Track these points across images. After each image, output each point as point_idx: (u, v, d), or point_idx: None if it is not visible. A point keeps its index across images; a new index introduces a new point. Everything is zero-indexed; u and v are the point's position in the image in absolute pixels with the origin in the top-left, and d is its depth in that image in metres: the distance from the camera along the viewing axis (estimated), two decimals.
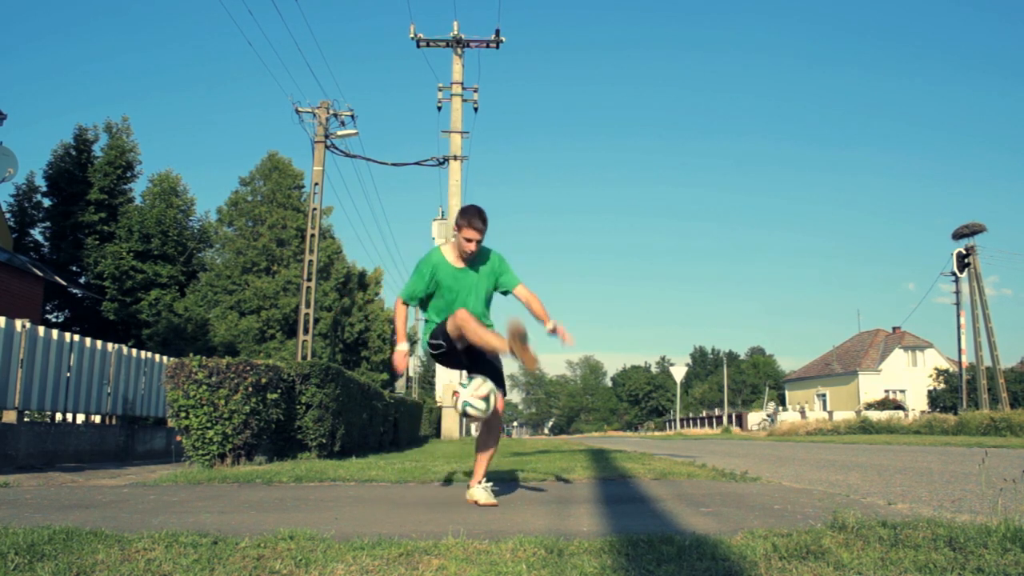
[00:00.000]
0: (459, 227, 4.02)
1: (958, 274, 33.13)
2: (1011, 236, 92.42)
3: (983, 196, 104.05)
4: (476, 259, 4.13)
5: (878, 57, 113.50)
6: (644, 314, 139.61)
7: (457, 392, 3.92)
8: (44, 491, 4.89)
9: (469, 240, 4.01)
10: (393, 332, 4.34)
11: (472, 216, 4.00)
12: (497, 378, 4.11)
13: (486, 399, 3.86)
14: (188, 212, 26.71)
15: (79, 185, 23.98)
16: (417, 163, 21.97)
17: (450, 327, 3.94)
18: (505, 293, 4.27)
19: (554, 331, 4.03)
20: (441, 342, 4.02)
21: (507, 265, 4.26)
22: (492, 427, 4.23)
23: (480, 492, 3.99)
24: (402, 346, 4.16)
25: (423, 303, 4.21)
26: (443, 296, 4.10)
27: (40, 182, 24.45)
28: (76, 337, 9.22)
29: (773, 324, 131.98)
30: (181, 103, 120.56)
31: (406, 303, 4.17)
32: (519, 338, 3.76)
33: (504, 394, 4.17)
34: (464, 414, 3.88)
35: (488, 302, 4.23)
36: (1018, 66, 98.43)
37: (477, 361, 4.12)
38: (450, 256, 4.12)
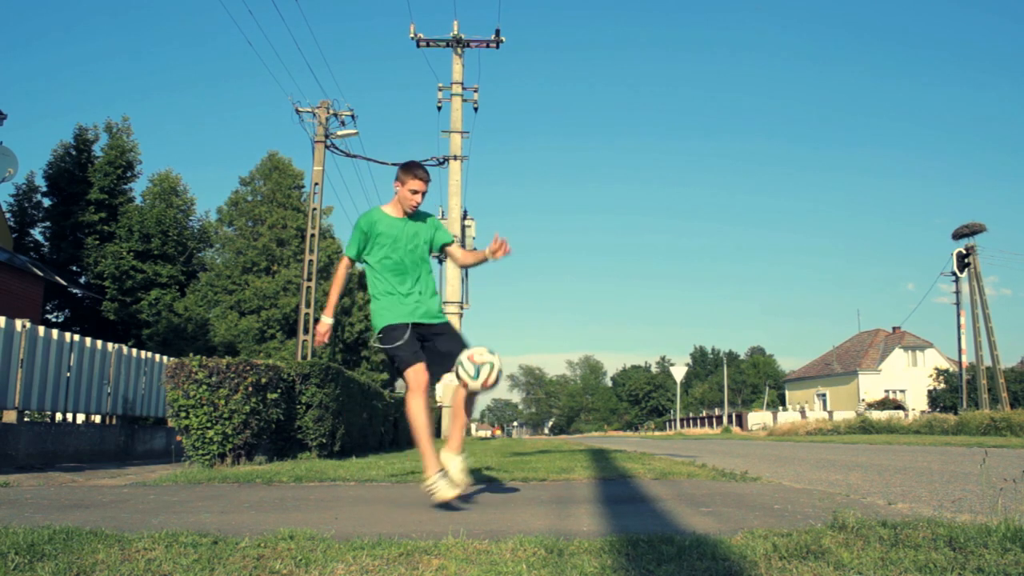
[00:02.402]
0: (402, 180, 4.04)
1: (958, 274, 33.14)
2: (1011, 236, 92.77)
3: (983, 196, 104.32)
4: (416, 214, 4.16)
5: (878, 57, 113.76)
6: (644, 314, 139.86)
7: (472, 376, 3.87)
8: (44, 491, 4.89)
9: (415, 192, 4.03)
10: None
11: (416, 167, 4.05)
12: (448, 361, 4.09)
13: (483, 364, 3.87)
14: (188, 212, 26.73)
15: (79, 185, 23.98)
16: None
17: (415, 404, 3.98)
18: (440, 251, 4.28)
19: (495, 253, 4.05)
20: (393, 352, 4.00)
21: (441, 223, 4.33)
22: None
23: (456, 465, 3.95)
24: (328, 320, 4.20)
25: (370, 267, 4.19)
26: (383, 245, 4.08)
27: (40, 182, 24.50)
28: (76, 337, 9.22)
29: (773, 324, 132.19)
30: (181, 103, 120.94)
31: (352, 260, 4.18)
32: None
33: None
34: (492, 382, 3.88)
35: (427, 252, 4.22)
36: (1018, 66, 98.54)
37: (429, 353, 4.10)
38: (390, 211, 4.14)
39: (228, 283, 26.82)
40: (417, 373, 3.94)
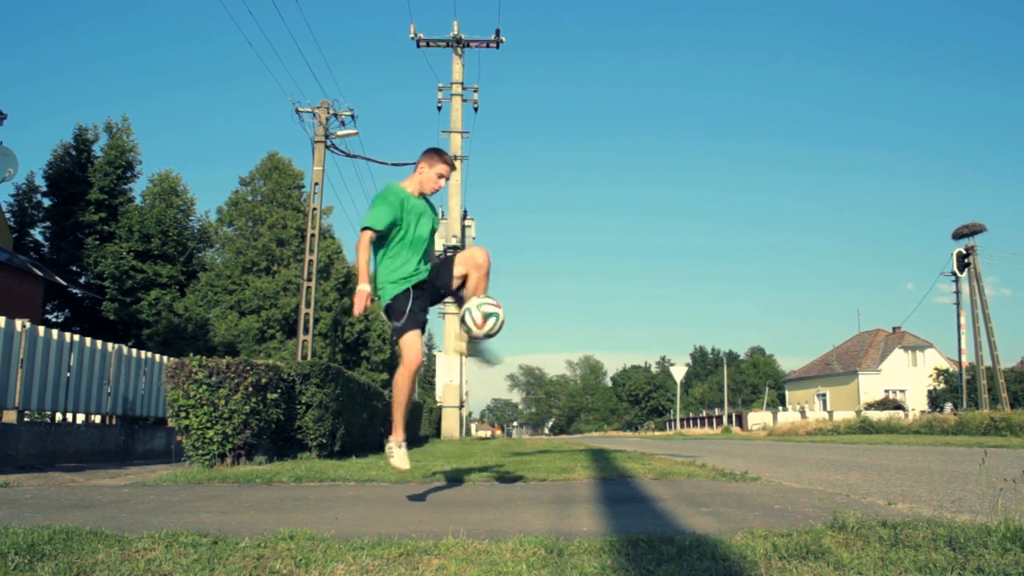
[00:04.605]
0: (430, 163, 4.05)
1: (958, 274, 33.14)
2: (1011, 236, 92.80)
3: (983, 196, 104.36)
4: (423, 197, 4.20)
5: (878, 57, 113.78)
6: (644, 314, 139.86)
7: (480, 323, 3.91)
8: (44, 491, 4.89)
9: (441, 176, 4.07)
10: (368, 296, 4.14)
11: (444, 154, 4.10)
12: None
13: (497, 305, 3.94)
14: (188, 212, 26.70)
15: (79, 185, 23.96)
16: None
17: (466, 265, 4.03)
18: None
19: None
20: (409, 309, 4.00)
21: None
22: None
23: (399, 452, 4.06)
24: (364, 286, 3.88)
25: (380, 238, 4.02)
26: (409, 223, 4.01)
27: (40, 182, 24.46)
28: (76, 337, 9.22)
29: (773, 324, 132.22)
30: (181, 103, 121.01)
31: (375, 232, 3.94)
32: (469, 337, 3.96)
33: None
34: (495, 330, 3.95)
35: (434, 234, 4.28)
36: (1018, 66, 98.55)
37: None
38: (410, 189, 4.14)
39: (228, 283, 26.80)
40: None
